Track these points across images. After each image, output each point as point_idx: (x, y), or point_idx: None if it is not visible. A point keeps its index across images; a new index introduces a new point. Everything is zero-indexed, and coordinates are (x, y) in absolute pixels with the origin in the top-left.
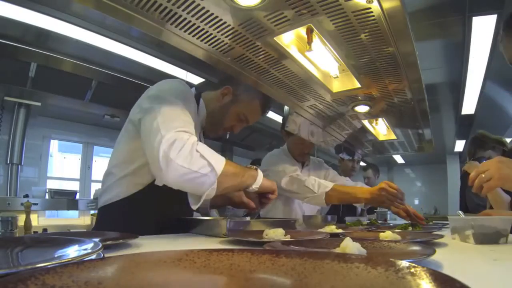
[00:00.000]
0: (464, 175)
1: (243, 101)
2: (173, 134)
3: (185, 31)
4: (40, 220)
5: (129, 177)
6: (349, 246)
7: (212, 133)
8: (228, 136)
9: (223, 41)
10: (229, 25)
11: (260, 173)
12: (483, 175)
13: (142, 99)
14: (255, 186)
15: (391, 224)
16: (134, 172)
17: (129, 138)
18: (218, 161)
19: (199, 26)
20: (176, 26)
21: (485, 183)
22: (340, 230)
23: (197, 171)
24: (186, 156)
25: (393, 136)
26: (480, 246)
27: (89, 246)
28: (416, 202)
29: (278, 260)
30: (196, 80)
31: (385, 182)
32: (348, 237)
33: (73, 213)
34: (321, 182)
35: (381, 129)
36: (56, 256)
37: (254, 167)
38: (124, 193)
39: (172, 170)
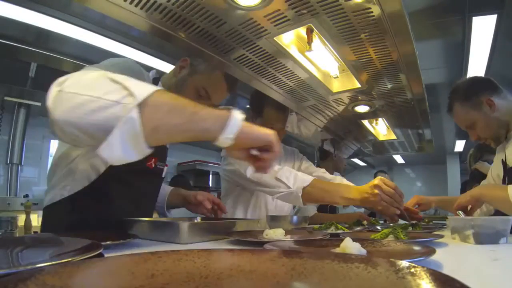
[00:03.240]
0: (474, 173)
1: (202, 72)
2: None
3: (185, 31)
4: (40, 220)
5: (71, 173)
6: (349, 246)
7: None
8: None
9: (223, 41)
10: (229, 25)
11: (234, 115)
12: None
13: None
14: (226, 136)
15: (391, 224)
16: (77, 166)
17: None
18: (142, 85)
19: (199, 26)
20: (176, 26)
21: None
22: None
23: (101, 97)
24: (87, 83)
25: (393, 136)
26: (480, 246)
27: (89, 246)
28: None
29: (278, 260)
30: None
31: (380, 178)
32: (348, 237)
33: None
34: (298, 175)
35: (381, 129)
36: (56, 256)
37: (229, 107)
38: (68, 190)
39: (62, 102)
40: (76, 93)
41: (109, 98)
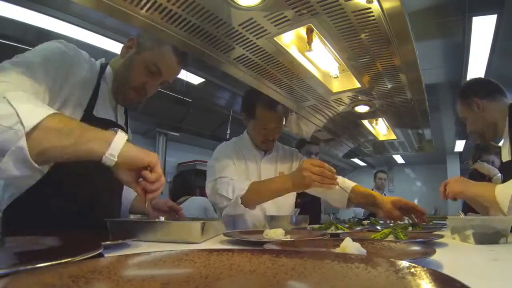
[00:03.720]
0: (473, 173)
1: (149, 48)
2: None
3: (185, 31)
4: None
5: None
6: (349, 246)
7: (122, 98)
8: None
9: (223, 41)
10: (229, 25)
11: (119, 136)
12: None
13: None
14: (108, 154)
15: (391, 224)
16: None
17: None
18: (34, 111)
19: (199, 26)
20: (176, 26)
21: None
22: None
23: None
24: None
25: (393, 136)
26: (480, 246)
27: (89, 246)
28: (416, 202)
29: (278, 260)
30: (196, 80)
31: (306, 160)
32: (348, 237)
33: None
34: (236, 186)
35: (381, 129)
36: (56, 256)
37: (116, 129)
38: (21, 189)
39: None
40: None
41: (3, 124)
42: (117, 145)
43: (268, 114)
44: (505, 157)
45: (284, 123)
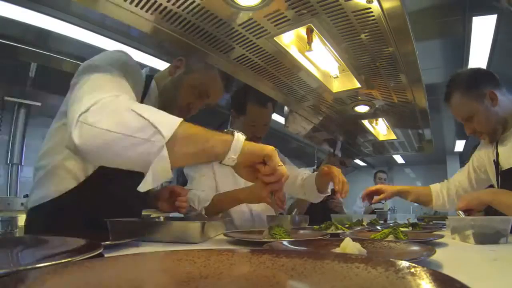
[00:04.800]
0: None
1: (198, 71)
2: (98, 99)
3: (185, 31)
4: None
5: (60, 170)
6: (349, 246)
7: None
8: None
9: (223, 41)
10: (229, 25)
11: (237, 137)
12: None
13: (74, 77)
14: (231, 156)
15: (391, 224)
16: (63, 163)
17: (58, 124)
18: (166, 120)
19: (199, 26)
20: (176, 26)
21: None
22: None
23: (133, 135)
24: (114, 117)
25: (393, 136)
26: (480, 246)
27: (89, 246)
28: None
29: (278, 260)
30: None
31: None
32: (348, 237)
33: None
34: (201, 197)
35: (381, 129)
36: (56, 256)
37: (232, 130)
38: (56, 190)
39: (93, 138)
40: (108, 130)
41: (140, 136)
42: (237, 147)
43: (259, 111)
44: (508, 158)
45: (284, 122)
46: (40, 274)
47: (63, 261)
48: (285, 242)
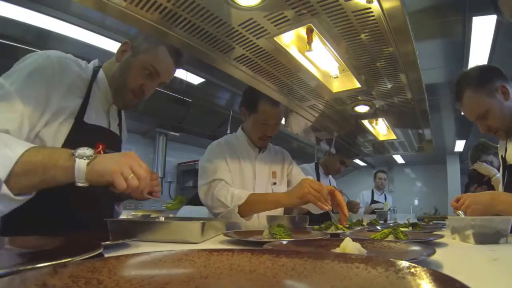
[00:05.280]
0: (472, 174)
1: (145, 50)
2: None
3: (185, 31)
4: None
5: None
6: (349, 246)
7: (120, 102)
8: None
9: (223, 41)
10: (229, 25)
11: (78, 165)
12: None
13: None
14: (80, 183)
15: (391, 224)
16: None
17: None
18: (2, 161)
19: (199, 26)
20: (176, 26)
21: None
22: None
23: None
24: None
25: (393, 136)
26: (480, 246)
27: (89, 246)
28: (416, 202)
29: (278, 260)
30: (196, 80)
31: (307, 179)
32: (348, 237)
33: None
34: (234, 193)
35: (381, 129)
36: (56, 256)
37: (83, 151)
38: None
39: None
40: None
41: None
42: (79, 174)
43: (271, 109)
44: None
45: (284, 122)
46: (40, 274)
47: (63, 261)
48: (285, 242)
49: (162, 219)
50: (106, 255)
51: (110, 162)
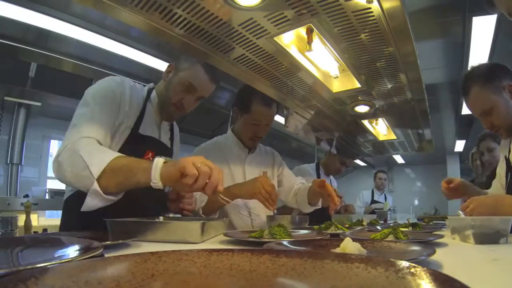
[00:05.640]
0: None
1: (184, 69)
2: (69, 142)
3: (185, 31)
4: (40, 220)
5: None
6: (349, 246)
7: (166, 116)
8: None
9: (223, 41)
10: (229, 25)
11: (155, 164)
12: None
13: None
14: (153, 181)
15: (391, 224)
16: None
17: None
18: (97, 162)
19: (199, 26)
20: (176, 26)
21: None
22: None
23: (79, 174)
24: (70, 160)
25: (393, 136)
26: (480, 246)
27: (89, 246)
28: (416, 202)
29: (278, 260)
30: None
31: (263, 177)
32: (348, 237)
33: None
34: (197, 197)
35: (381, 129)
36: (56, 256)
37: (160, 157)
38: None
39: (60, 172)
40: (65, 169)
41: (83, 174)
42: (156, 173)
43: (263, 110)
44: None
45: (284, 122)
46: (40, 274)
47: (63, 261)
48: (285, 242)
49: (162, 219)
50: (106, 255)
51: (183, 158)
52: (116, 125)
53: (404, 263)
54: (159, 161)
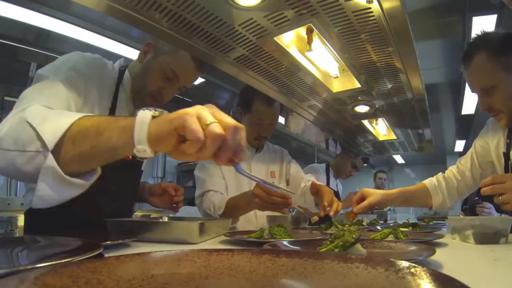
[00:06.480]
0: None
1: (166, 52)
2: (6, 119)
3: (185, 31)
4: None
5: None
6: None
7: (139, 105)
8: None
9: (223, 41)
10: (229, 25)
11: (139, 119)
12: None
13: None
14: (139, 149)
15: (391, 224)
16: None
17: None
18: (52, 128)
19: (199, 26)
20: (176, 26)
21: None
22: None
23: (25, 150)
24: (11, 134)
25: (393, 136)
26: (480, 246)
27: (89, 246)
28: None
29: (278, 260)
30: (196, 80)
31: (257, 187)
32: None
33: None
34: (215, 204)
35: (381, 129)
36: (56, 256)
37: (147, 109)
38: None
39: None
40: (7, 149)
41: (31, 149)
42: (141, 131)
43: (265, 109)
44: None
45: (284, 122)
46: (40, 274)
47: (63, 261)
48: (285, 242)
49: (165, 219)
50: (106, 255)
51: (183, 110)
52: (90, 105)
53: (404, 263)
54: (145, 115)
